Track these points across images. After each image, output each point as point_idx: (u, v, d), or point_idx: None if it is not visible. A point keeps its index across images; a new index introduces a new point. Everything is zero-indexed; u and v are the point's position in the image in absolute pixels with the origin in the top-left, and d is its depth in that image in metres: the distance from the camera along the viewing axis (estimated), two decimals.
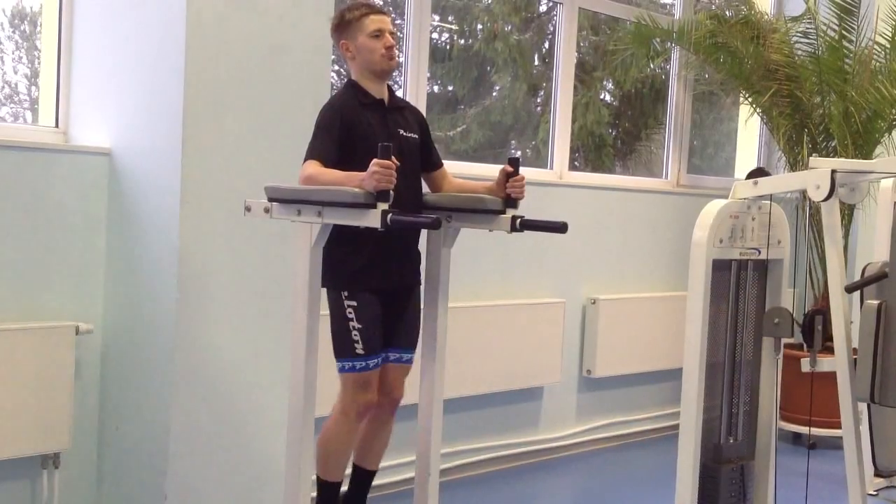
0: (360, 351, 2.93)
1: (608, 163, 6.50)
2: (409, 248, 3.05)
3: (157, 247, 3.27)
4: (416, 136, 3.06)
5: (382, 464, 4.04)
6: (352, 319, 2.92)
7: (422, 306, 3.08)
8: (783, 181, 3.26)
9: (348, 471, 3.17)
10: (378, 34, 2.92)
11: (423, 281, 3.08)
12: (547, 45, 6.13)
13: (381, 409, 3.09)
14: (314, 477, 3.03)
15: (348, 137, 2.85)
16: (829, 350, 3.07)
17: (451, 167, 3.31)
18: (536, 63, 6.35)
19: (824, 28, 5.28)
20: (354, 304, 2.91)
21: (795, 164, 5.37)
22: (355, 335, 2.92)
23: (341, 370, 2.97)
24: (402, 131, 3.00)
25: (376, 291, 2.96)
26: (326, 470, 3.04)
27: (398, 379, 3.10)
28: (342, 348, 2.95)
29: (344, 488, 3.16)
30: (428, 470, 3.06)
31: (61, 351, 3.21)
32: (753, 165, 6.06)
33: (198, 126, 3.22)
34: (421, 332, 3.09)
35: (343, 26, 2.97)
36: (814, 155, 4.87)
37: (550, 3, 5.76)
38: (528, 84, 6.12)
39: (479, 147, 5.89)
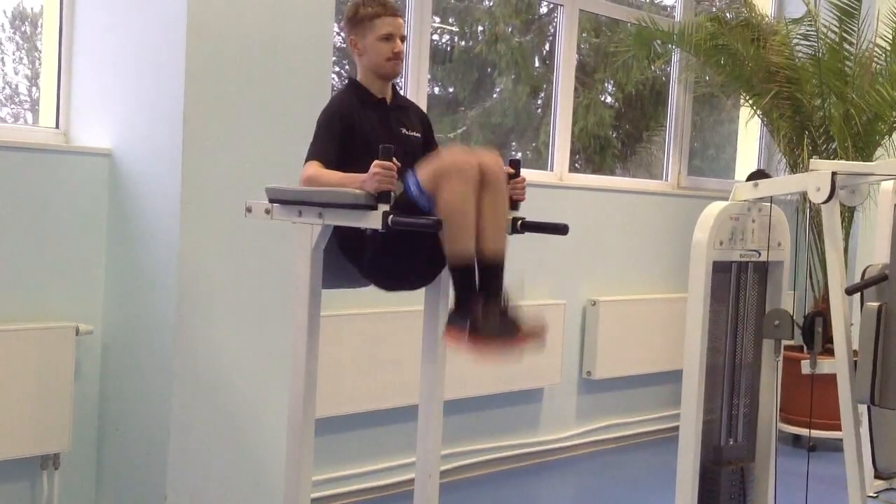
0: (402, 187, 2.58)
1: (611, 164, 6.50)
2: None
3: (158, 247, 3.27)
4: (418, 134, 3.05)
5: (383, 464, 4.06)
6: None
7: (423, 295, 2.98)
8: (783, 183, 3.26)
9: None
10: (388, 38, 2.89)
11: None
12: (548, 46, 6.13)
13: (487, 180, 2.64)
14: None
15: (349, 138, 2.84)
16: (830, 352, 3.07)
17: None
18: (537, 65, 6.35)
19: (825, 30, 5.28)
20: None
21: (796, 166, 5.37)
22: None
23: (420, 193, 2.57)
24: (404, 130, 2.98)
25: None
26: (456, 251, 2.60)
27: (464, 149, 2.68)
28: (406, 208, 2.57)
29: None
30: (428, 471, 3.06)
31: (61, 351, 3.21)
32: (754, 167, 6.06)
33: (198, 127, 3.22)
34: (421, 333, 3.07)
35: (355, 21, 2.92)
36: (814, 157, 4.87)
37: (551, 5, 5.76)
38: (528, 86, 6.12)
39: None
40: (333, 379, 3.63)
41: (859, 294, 3.01)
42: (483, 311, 2.59)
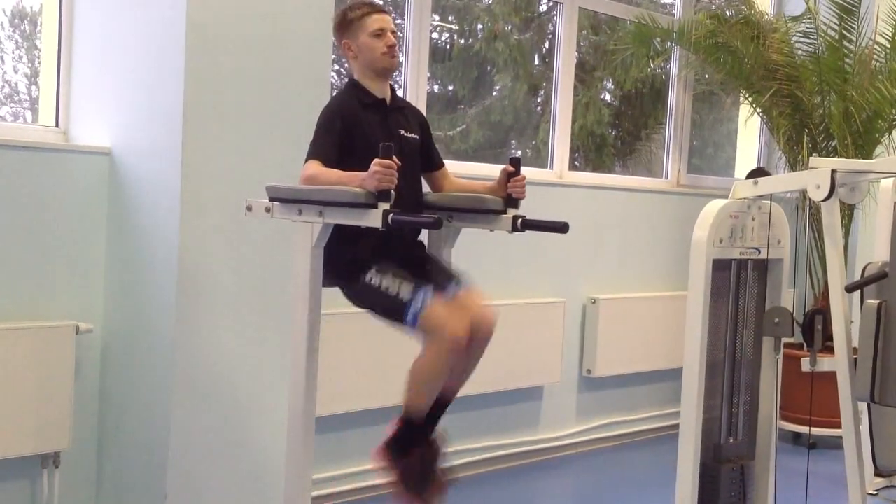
0: (406, 296, 2.75)
1: (608, 162, 6.50)
2: (412, 244, 3.03)
3: (157, 246, 3.27)
4: (416, 136, 3.06)
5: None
6: (380, 285, 2.78)
7: None
8: (783, 181, 3.26)
9: None
10: (380, 33, 2.92)
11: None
12: (547, 44, 6.13)
13: (473, 343, 2.85)
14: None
15: (349, 137, 2.85)
16: (829, 350, 3.07)
17: (452, 167, 3.30)
18: (536, 63, 6.36)
19: (824, 28, 5.28)
20: (373, 271, 2.80)
21: (795, 163, 5.37)
22: (392, 289, 2.76)
23: (413, 324, 2.74)
24: (402, 131, 3.00)
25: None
26: (415, 407, 2.82)
27: (473, 304, 2.85)
28: (395, 310, 2.76)
29: None
30: None
31: (61, 351, 3.21)
32: (753, 165, 6.06)
33: (198, 126, 3.22)
34: None
35: (345, 25, 2.97)
36: (814, 155, 4.87)
37: (550, 3, 5.76)
38: (528, 84, 6.12)
39: (480, 147, 5.89)
40: (333, 377, 3.63)
41: (859, 292, 3.01)
42: (417, 462, 2.84)
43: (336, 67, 4.23)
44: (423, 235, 3.10)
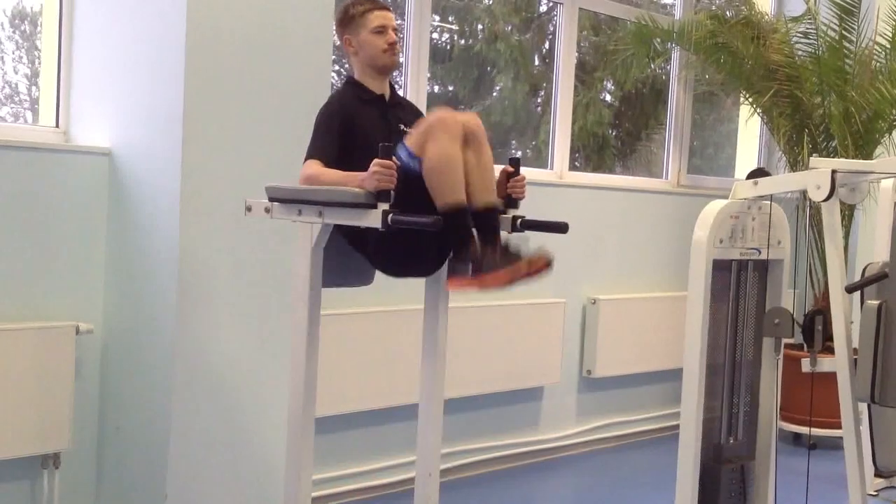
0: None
1: (609, 163, 6.50)
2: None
3: (158, 246, 3.27)
4: None
5: (383, 463, 4.06)
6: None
7: (423, 294, 2.98)
8: (783, 181, 3.26)
9: None
10: (381, 30, 2.92)
11: None
12: (547, 45, 6.12)
13: (470, 139, 2.76)
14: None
15: (349, 135, 2.85)
16: (830, 350, 3.08)
17: None
18: (537, 63, 6.35)
19: (825, 28, 5.28)
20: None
21: (796, 164, 5.37)
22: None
23: (410, 153, 2.66)
24: (403, 127, 2.99)
25: None
26: (445, 202, 2.64)
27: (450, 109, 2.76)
28: (400, 184, 2.60)
29: None
30: (428, 470, 3.06)
31: (61, 351, 3.21)
32: (754, 166, 6.05)
33: (198, 126, 3.22)
34: (422, 331, 3.07)
35: (346, 21, 2.97)
36: (814, 155, 4.87)
37: (551, 4, 5.75)
38: (528, 84, 6.12)
39: None
40: (333, 378, 3.63)
41: (859, 292, 3.01)
42: (482, 250, 2.64)
43: (336, 67, 4.22)
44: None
